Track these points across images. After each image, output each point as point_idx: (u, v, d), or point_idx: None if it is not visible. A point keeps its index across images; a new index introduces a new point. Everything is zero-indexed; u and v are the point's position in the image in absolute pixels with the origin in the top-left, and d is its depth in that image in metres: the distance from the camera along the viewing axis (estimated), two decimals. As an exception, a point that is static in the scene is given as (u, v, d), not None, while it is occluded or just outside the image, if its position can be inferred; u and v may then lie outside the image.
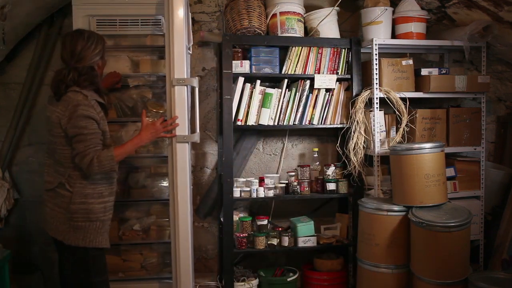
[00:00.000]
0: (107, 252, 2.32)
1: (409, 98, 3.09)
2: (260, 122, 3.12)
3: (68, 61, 2.20)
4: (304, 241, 3.13)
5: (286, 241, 3.11)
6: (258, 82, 3.10)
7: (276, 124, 3.15)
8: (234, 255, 3.18)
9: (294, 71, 3.16)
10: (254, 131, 3.37)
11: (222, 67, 3.02)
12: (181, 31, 2.38)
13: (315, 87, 3.16)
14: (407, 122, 3.08)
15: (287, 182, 3.20)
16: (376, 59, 3.06)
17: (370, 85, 3.11)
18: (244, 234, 3.09)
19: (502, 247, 3.11)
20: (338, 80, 3.23)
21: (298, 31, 3.16)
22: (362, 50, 3.24)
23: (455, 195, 3.15)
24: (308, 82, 3.17)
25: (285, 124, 3.17)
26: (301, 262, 3.40)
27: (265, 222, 3.15)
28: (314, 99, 3.19)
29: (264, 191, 3.11)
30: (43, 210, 2.26)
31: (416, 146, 2.78)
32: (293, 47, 3.15)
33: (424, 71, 3.14)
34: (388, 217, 2.79)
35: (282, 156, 3.48)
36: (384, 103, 3.09)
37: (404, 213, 2.77)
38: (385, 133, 3.14)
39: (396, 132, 3.14)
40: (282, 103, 3.15)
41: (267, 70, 3.14)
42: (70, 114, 2.09)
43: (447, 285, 2.61)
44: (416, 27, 3.17)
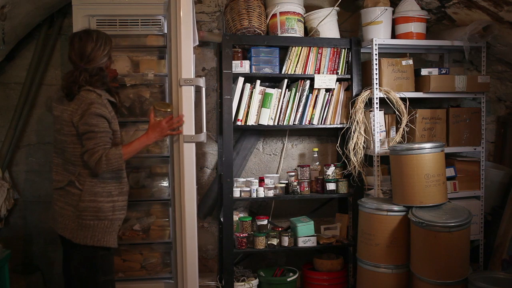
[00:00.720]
0: (108, 252, 2.32)
1: (409, 98, 3.09)
2: (260, 122, 3.12)
3: (77, 62, 2.20)
4: (304, 241, 3.14)
5: (286, 241, 3.11)
6: (258, 82, 3.10)
7: (276, 124, 3.15)
8: (234, 255, 3.18)
9: (294, 71, 3.16)
10: (254, 131, 3.37)
11: (222, 67, 3.02)
12: (189, 32, 2.38)
13: (315, 87, 3.16)
14: (407, 122, 3.08)
15: (287, 182, 3.20)
16: (376, 59, 3.06)
17: (370, 85, 3.11)
18: (244, 234, 3.09)
19: (502, 247, 3.11)
20: (338, 80, 3.23)
21: (298, 31, 3.16)
22: (362, 50, 3.25)
23: (455, 195, 3.15)
24: (308, 82, 3.17)
25: (285, 124, 3.17)
26: (301, 262, 3.40)
27: (265, 222, 3.15)
28: (314, 99, 3.19)
29: (264, 191, 3.12)
30: (52, 209, 2.27)
31: (416, 146, 2.78)
32: (293, 47, 3.15)
33: (424, 71, 3.14)
34: (388, 217, 2.79)
35: (282, 156, 3.48)
36: (384, 103, 3.09)
37: (404, 213, 2.78)
38: (385, 133, 3.14)
39: (396, 132, 3.14)
40: (282, 103, 3.15)
41: (267, 70, 3.14)
42: (83, 111, 2.11)
43: (447, 285, 2.61)
44: (416, 27, 3.17)
